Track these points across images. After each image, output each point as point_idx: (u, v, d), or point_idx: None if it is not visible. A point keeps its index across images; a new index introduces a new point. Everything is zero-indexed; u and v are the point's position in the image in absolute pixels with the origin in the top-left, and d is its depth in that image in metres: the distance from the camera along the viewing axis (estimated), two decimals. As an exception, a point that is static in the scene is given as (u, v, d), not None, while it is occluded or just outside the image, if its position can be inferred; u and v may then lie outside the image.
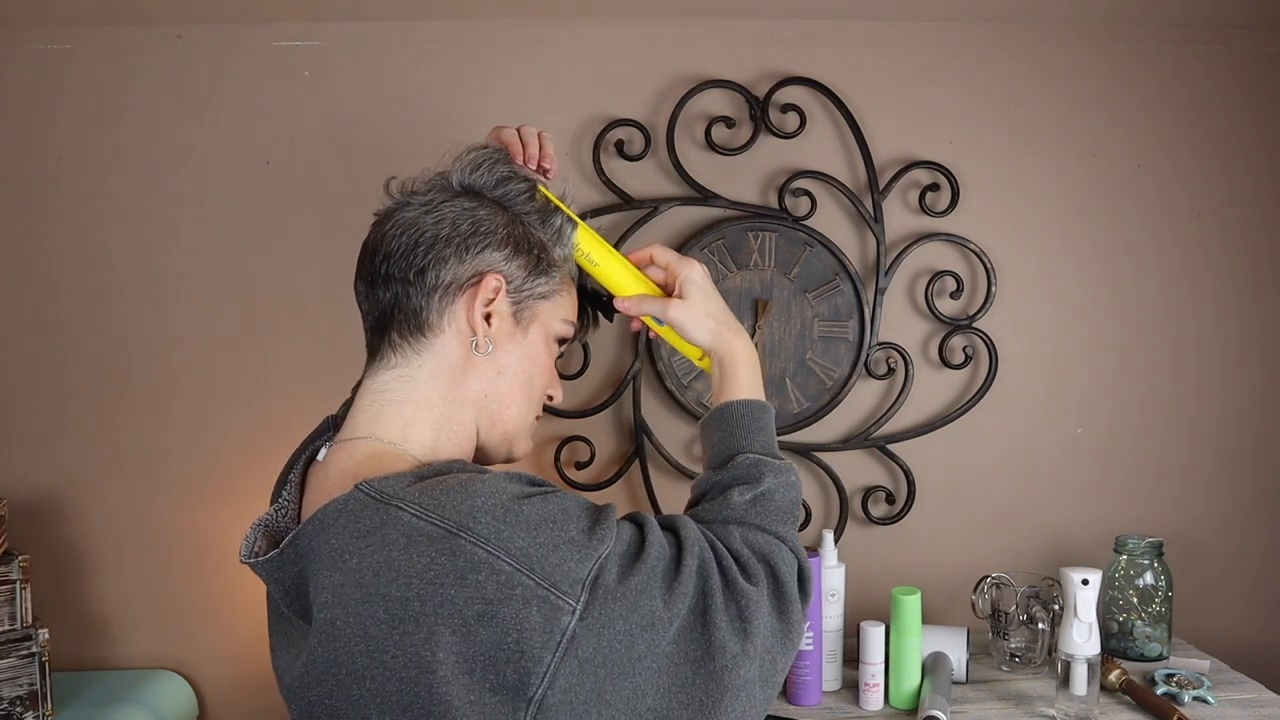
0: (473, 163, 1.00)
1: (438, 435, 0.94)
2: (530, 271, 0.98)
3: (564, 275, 1.03)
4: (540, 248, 1.00)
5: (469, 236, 0.95)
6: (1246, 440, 1.90)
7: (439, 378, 0.94)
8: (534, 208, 1.01)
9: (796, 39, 1.80)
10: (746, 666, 0.84)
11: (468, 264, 0.94)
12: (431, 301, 0.94)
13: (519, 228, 0.99)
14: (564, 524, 0.80)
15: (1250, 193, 1.88)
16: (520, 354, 0.98)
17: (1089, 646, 1.41)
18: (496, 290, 0.95)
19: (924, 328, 1.85)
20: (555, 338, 1.02)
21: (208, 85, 1.77)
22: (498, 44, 1.78)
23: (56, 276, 1.78)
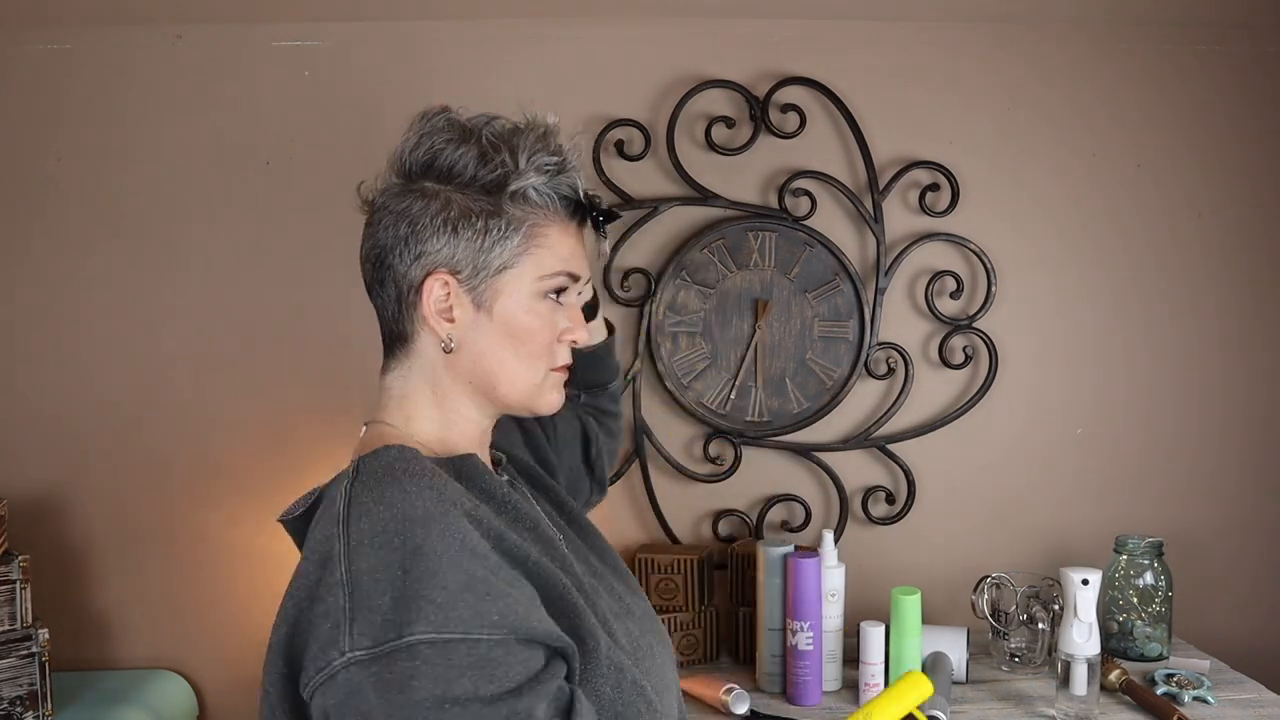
0: (403, 146, 0.95)
1: (442, 426, 0.96)
2: (481, 249, 0.91)
3: (529, 221, 0.92)
4: (486, 213, 0.91)
5: (409, 239, 0.91)
6: (1246, 440, 1.90)
7: (426, 376, 0.95)
8: (470, 158, 0.92)
9: (796, 39, 1.80)
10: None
11: (413, 267, 0.92)
12: (400, 311, 0.94)
13: (455, 205, 0.91)
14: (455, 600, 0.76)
15: (1250, 193, 1.88)
16: (493, 336, 0.93)
17: (1089, 646, 1.41)
18: (446, 291, 0.92)
19: (924, 328, 1.85)
20: (540, 295, 0.94)
21: (208, 85, 1.77)
22: (498, 44, 1.78)
23: (56, 276, 1.78)
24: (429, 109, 0.95)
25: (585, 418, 1.31)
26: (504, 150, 0.92)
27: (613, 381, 1.33)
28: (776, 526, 1.86)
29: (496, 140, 0.92)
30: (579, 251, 0.96)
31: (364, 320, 1.79)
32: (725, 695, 1.48)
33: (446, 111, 0.95)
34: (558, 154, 0.94)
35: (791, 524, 1.86)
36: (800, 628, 1.51)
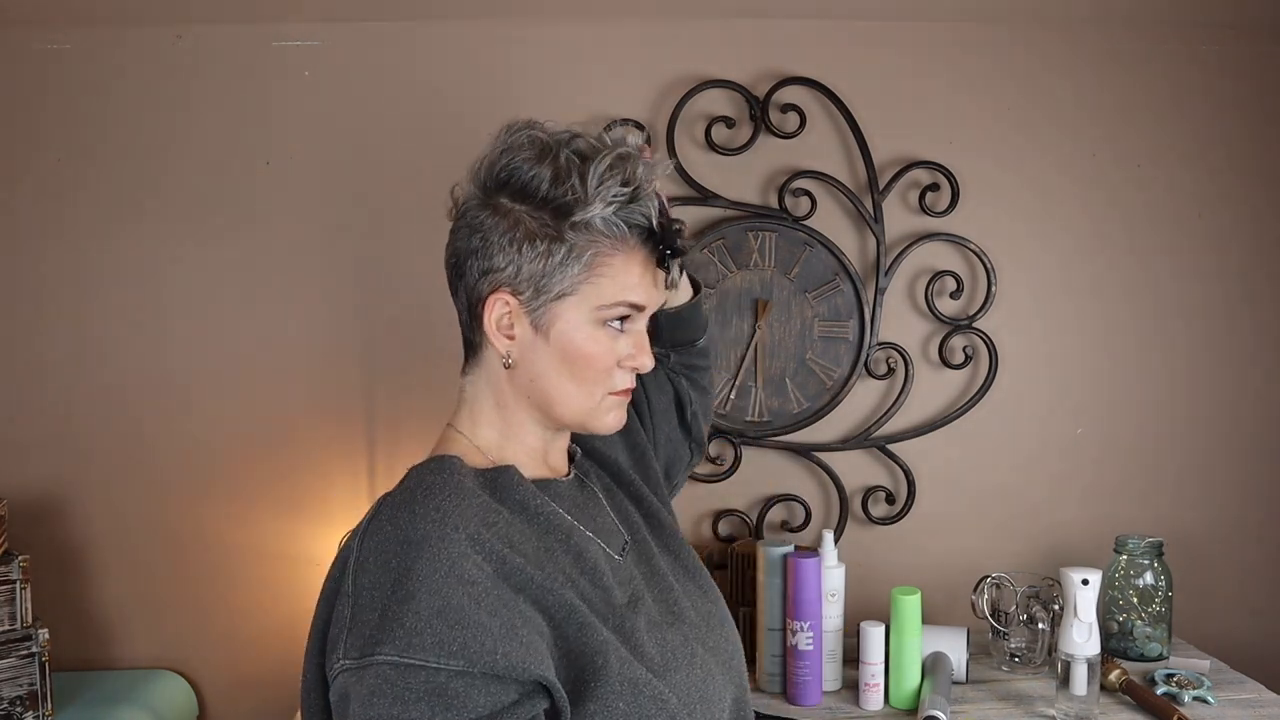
0: (485, 158, 0.95)
1: (501, 435, 0.98)
2: (543, 273, 0.91)
3: (592, 250, 0.91)
4: (550, 237, 0.90)
5: (479, 253, 0.92)
6: (1246, 440, 1.90)
7: (491, 386, 0.98)
8: (544, 179, 0.91)
9: (796, 39, 1.80)
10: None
11: (481, 281, 0.93)
12: (469, 320, 0.97)
13: (523, 226, 0.91)
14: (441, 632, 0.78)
15: (1250, 193, 1.88)
16: (549, 358, 0.94)
17: (1089, 646, 1.41)
18: (507, 310, 0.93)
19: (924, 328, 1.85)
20: (599, 323, 0.93)
21: (208, 85, 1.77)
22: (498, 44, 1.78)
23: (56, 276, 1.78)
24: (514, 121, 0.95)
25: (676, 379, 1.26)
26: (575, 175, 0.90)
27: (700, 338, 1.27)
28: (776, 526, 1.86)
29: (570, 163, 0.91)
30: (645, 280, 0.94)
31: (364, 320, 1.79)
32: (725, 695, 1.48)
33: (530, 127, 0.94)
34: (630, 183, 0.91)
35: (791, 524, 1.86)
36: (800, 628, 1.51)
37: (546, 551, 0.89)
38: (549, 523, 0.92)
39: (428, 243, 1.76)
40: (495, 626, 0.79)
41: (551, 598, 0.84)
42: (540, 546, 0.89)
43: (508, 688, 0.79)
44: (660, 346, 1.22)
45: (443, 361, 1.77)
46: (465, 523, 0.84)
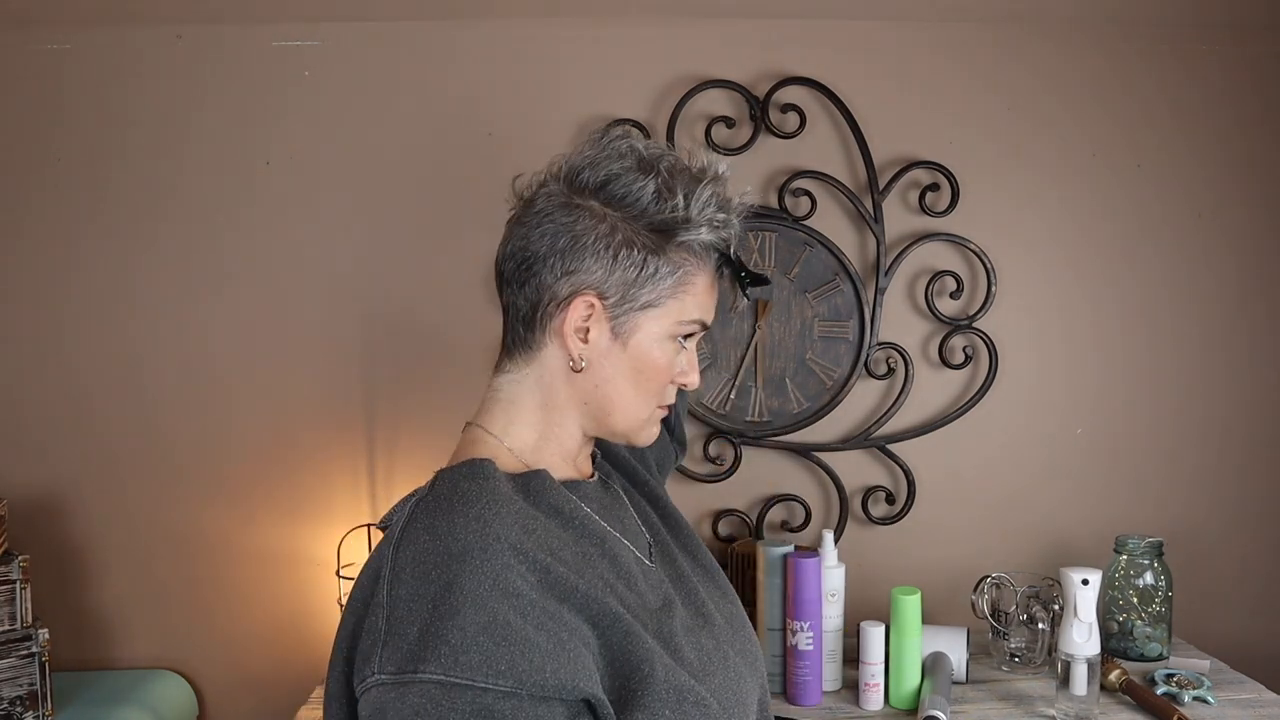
0: (579, 160, 0.96)
1: (540, 437, 0.97)
2: (633, 282, 0.92)
3: (684, 268, 0.94)
4: (648, 249, 0.92)
5: (566, 253, 0.92)
6: (1247, 440, 1.90)
7: (542, 387, 0.96)
8: (648, 192, 0.93)
9: (796, 39, 1.80)
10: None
11: (564, 282, 0.92)
12: (535, 316, 0.95)
13: (620, 233, 0.92)
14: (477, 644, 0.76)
15: (1250, 193, 1.88)
16: (621, 366, 0.94)
17: (1089, 646, 1.41)
18: (589, 313, 0.93)
19: (924, 328, 1.85)
20: (672, 337, 0.95)
21: (208, 85, 1.77)
22: (497, 44, 1.78)
23: (56, 276, 1.78)
24: (613, 127, 0.99)
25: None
26: (679, 194, 0.94)
27: None
28: (776, 526, 1.86)
29: (674, 180, 0.94)
30: (713, 301, 0.98)
31: (364, 320, 1.79)
32: (725, 695, 1.48)
33: (628, 136, 0.97)
34: (726, 210, 0.96)
35: (791, 524, 1.86)
36: (800, 628, 1.51)
37: (584, 557, 0.87)
38: (584, 527, 0.91)
39: (428, 243, 1.77)
40: (543, 642, 0.77)
41: (596, 606, 0.82)
42: (578, 552, 0.87)
43: (554, 708, 0.76)
44: None
45: (443, 362, 1.77)
46: (507, 532, 0.81)
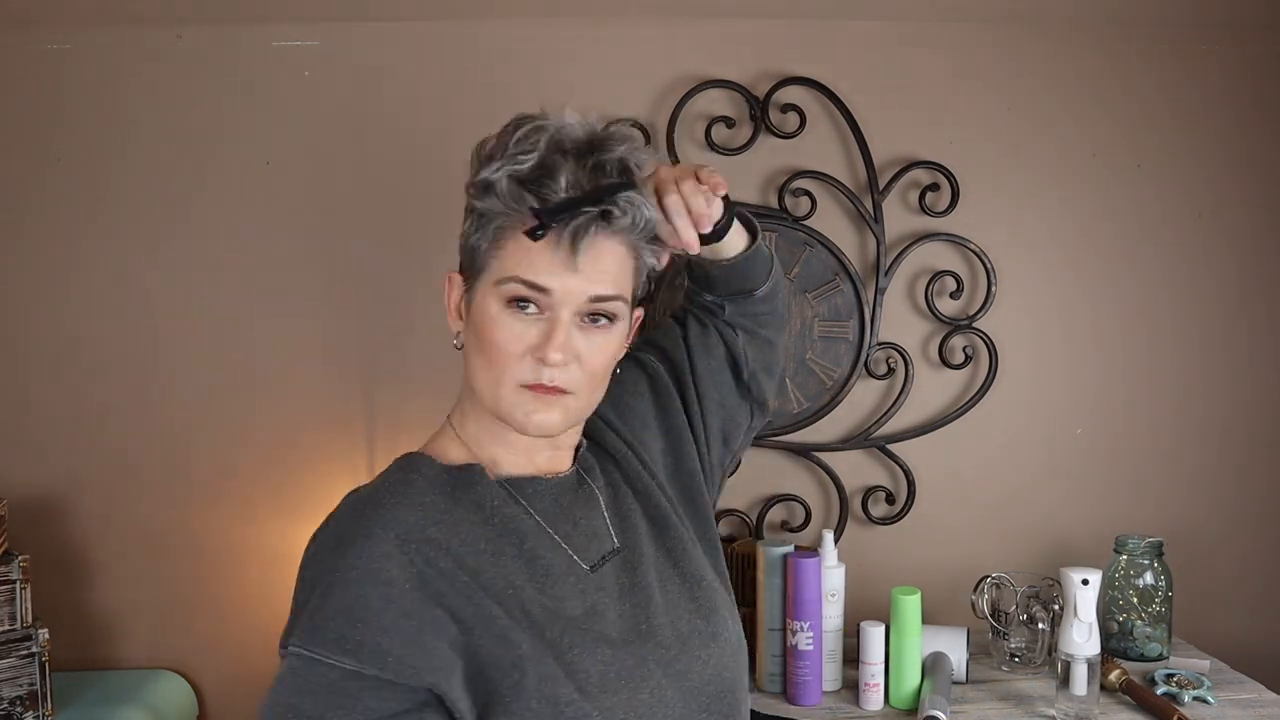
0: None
1: (477, 426, 0.97)
2: (468, 248, 0.92)
3: (495, 222, 0.89)
4: (471, 207, 0.91)
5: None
6: (1247, 440, 1.90)
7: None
8: (485, 150, 0.91)
9: (796, 39, 1.80)
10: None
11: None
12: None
13: (466, 201, 0.92)
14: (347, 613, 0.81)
15: (1250, 193, 1.88)
16: (471, 340, 0.92)
17: (1089, 646, 1.41)
18: (452, 290, 0.95)
19: (924, 328, 1.85)
20: (504, 303, 0.88)
21: (208, 85, 1.77)
22: (497, 44, 1.78)
23: (55, 276, 1.78)
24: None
25: (731, 335, 1.12)
26: (494, 141, 0.91)
27: (760, 287, 1.10)
28: (776, 526, 1.86)
29: (502, 132, 0.91)
30: (554, 262, 0.86)
31: (364, 320, 1.79)
32: (725, 695, 1.48)
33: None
34: (532, 151, 0.87)
35: (791, 524, 1.86)
36: (800, 628, 1.51)
37: (495, 555, 0.88)
38: (505, 525, 0.91)
39: (428, 243, 1.77)
40: (399, 630, 0.80)
41: (471, 608, 0.84)
42: (490, 550, 0.88)
43: (400, 694, 0.79)
44: (715, 295, 1.10)
45: (444, 362, 1.77)
46: (398, 523, 0.85)
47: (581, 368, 0.89)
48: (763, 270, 1.09)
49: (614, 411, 1.06)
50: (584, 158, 0.88)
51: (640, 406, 1.09)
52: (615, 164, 0.89)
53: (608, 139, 0.90)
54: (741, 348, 1.12)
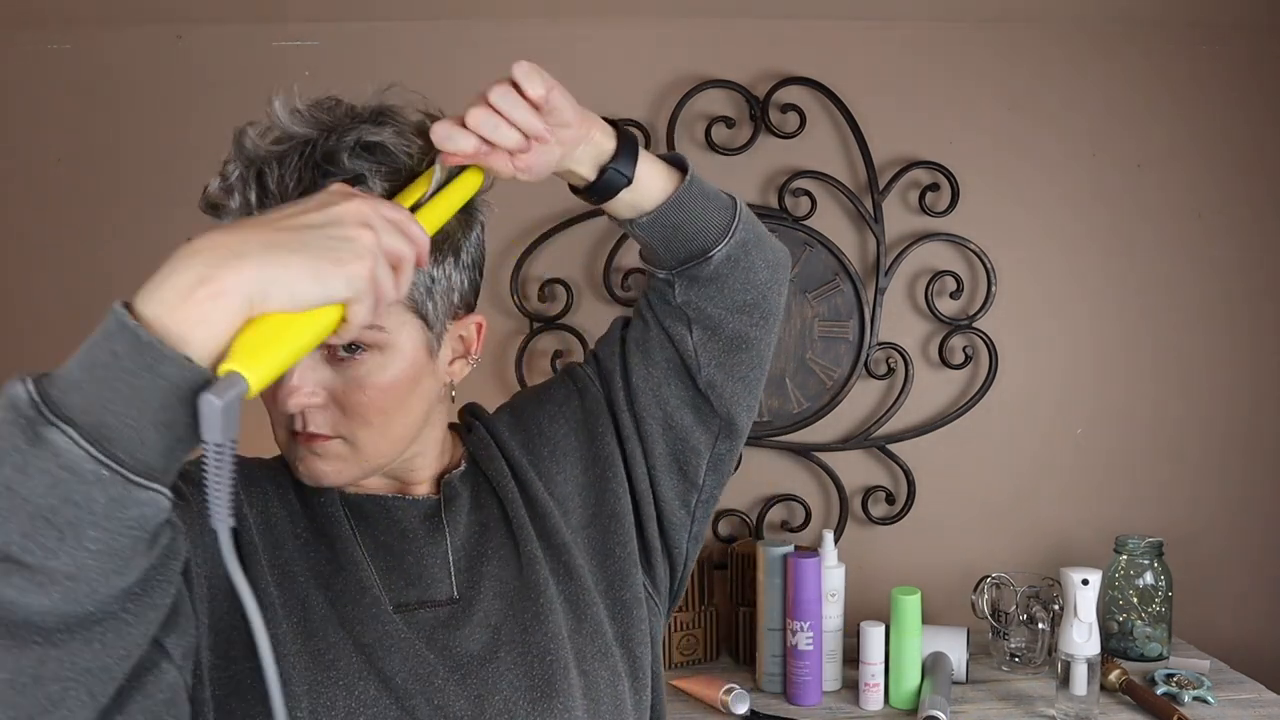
0: None
1: None
2: None
3: None
4: None
5: None
6: (1246, 440, 1.90)
7: None
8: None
9: (796, 39, 1.80)
10: None
11: None
12: None
13: None
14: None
15: (1250, 193, 1.88)
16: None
17: (1089, 646, 1.41)
18: None
19: (924, 328, 1.85)
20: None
21: (208, 85, 1.77)
22: (498, 44, 1.78)
23: (56, 276, 1.77)
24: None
25: (680, 331, 0.90)
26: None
27: (712, 247, 0.86)
28: (776, 526, 1.86)
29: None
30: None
31: (364, 320, 1.79)
32: (725, 695, 1.48)
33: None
34: (226, 164, 0.80)
35: (791, 524, 1.86)
36: (800, 628, 1.51)
37: (303, 545, 0.82)
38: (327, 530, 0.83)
39: (428, 243, 1.77)
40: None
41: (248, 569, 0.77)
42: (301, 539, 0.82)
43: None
44: (662, 270, 0.90)
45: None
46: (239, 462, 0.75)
47: (343, 409, 0.77)
48: (714, 222, 0.86)
49: (518, 438, 0.93)
50: (274, 166, 0.79)
51: (558, 432, 0.93)
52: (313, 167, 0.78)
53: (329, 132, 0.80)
54: (693, 347, 0.90)
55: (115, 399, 0.57)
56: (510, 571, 0.85)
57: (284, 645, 0.75)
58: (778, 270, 0.92)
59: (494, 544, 0.87)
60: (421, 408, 0.82)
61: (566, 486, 0.91)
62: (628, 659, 0.87)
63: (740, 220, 0.87)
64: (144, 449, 0.57)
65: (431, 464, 0.88)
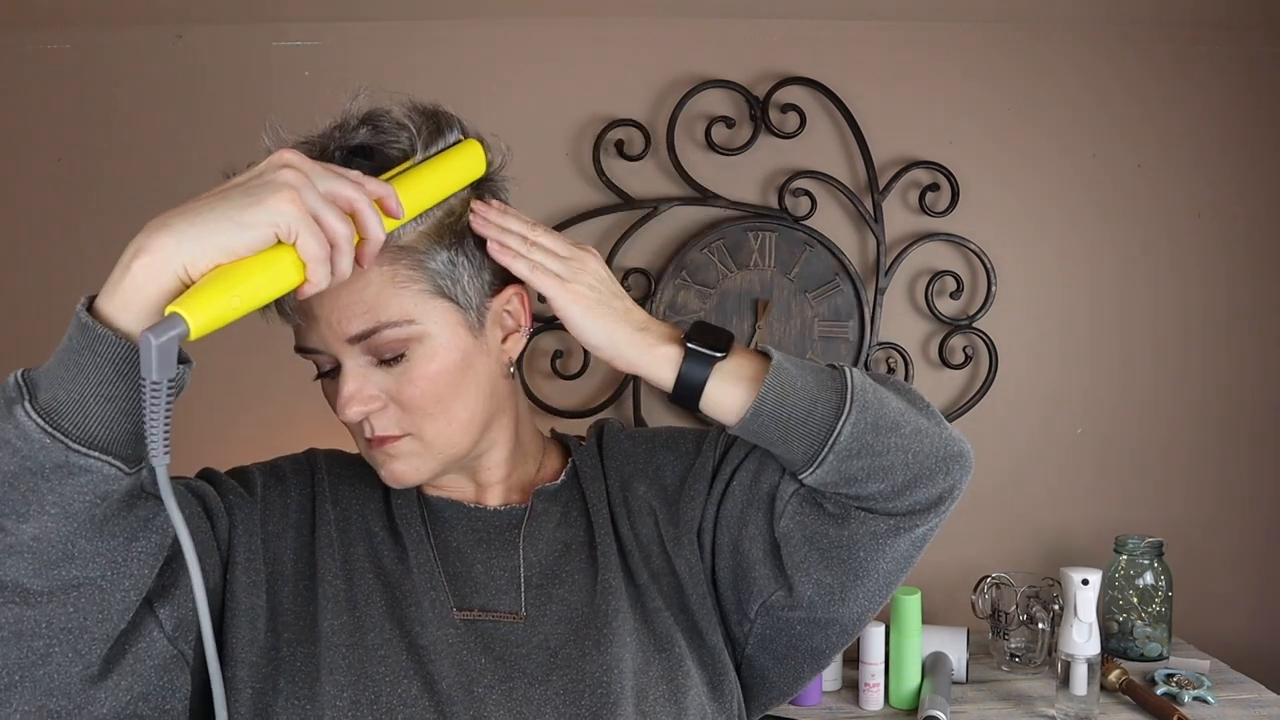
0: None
1: None
2: None
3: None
4: None
5: None
6: (1246, 440, 1.90)
7: None
8: None
9: (796, 39, 1.80)
10: None
11: None
12: None
13: None
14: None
15: (1249, 193, 1.88)
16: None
17: (1089, 646, 1.41)
18: None
19: (924, 328, 1.85)
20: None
21: (208, 85, 1.77)
22: (498, 44, 1.78)
23: (56, 276, 1.77)
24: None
25: (788, 516, 0.81)
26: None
27: (804, 468, 0.78)
28: (776, 526, 1.86)
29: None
30: (301, 321, 0.83)
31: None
32: (725, 695, 1.48)
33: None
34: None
35: (791, 524, 1.86)
36: (800, 628, 1.51)
37: (372, 541, 0.85)
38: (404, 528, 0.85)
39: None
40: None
41: (314, 557, 0.83)
42: (372, 536, 0.85)
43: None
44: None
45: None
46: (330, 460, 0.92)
47: (402, 406, 0.79)
48: (802, 437, 0.76)
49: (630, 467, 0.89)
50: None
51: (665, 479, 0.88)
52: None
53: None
54: (789, 494, 0.81)
55: (66, 376, 0.62)
56: (582, 597, 0.83)
57: (339, 636, 0.78)
58: (923, 464, 0.78)
59: (571, 566, 0.85)
60: (481, 390, 0.82)
61: (646, 531, 0.87)
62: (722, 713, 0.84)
63: (847, 418, 0.75)
64: (87, 420, 0.62)
65: (506, 460, 0.88)
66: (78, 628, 0.66)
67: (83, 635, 0.67)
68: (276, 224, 0.65)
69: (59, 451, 0.61)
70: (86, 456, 0.62)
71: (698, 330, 0.79)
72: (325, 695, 0.75)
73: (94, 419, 0.62)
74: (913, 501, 0.78)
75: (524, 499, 0.88)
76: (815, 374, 0.78)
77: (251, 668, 0.77)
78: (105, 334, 0.62)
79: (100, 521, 0.65)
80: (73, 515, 0.63)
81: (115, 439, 0.63)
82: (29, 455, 0.61)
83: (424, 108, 0.87)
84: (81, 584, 0.65)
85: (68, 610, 0.66)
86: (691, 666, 0.82)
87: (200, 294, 0.63)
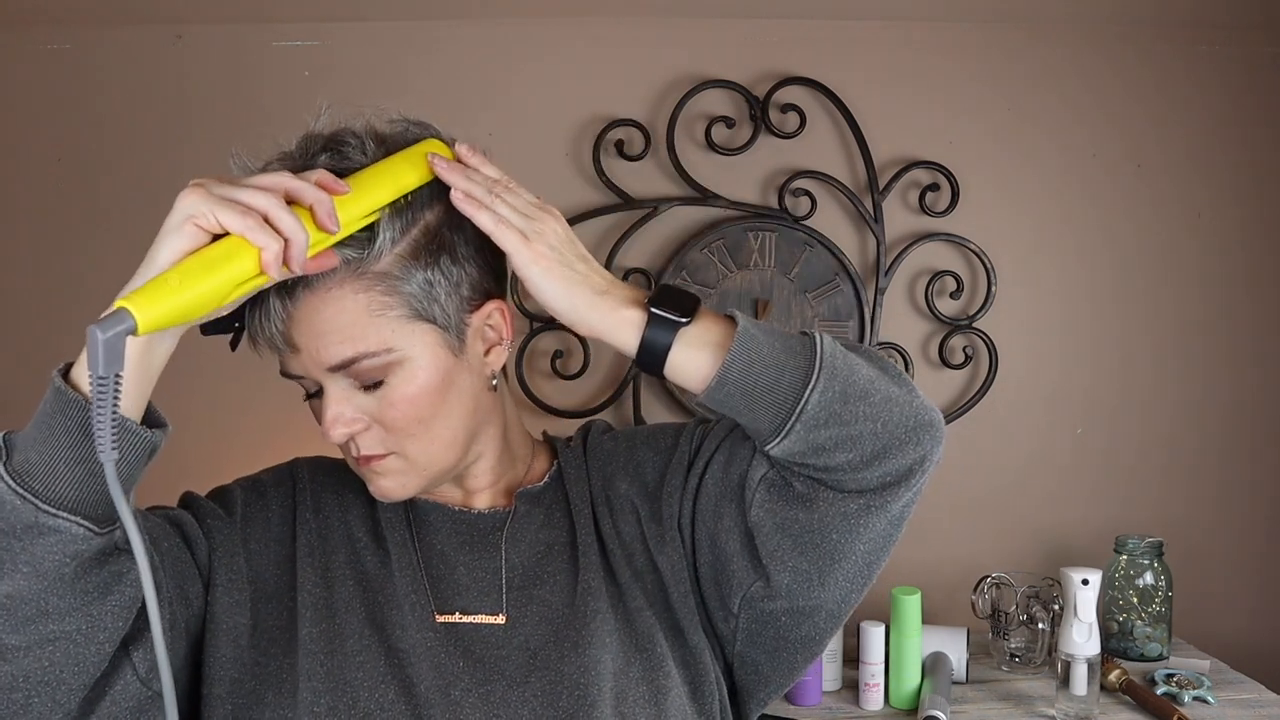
0: None
1: None
2: None
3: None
4: None
5: None
6: (1246, 441, 1.90)
7: None
8: None
9: (796, 39, 1.80)
10: None
11: None
12: None
13: None
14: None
15: (1250, 193, 1.88)
16: None
17: (1089, 646, 1.41)
18: None
19: (924, 328, 1.85)
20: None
21: (208, 85, 1.77)
22: (498, 44, 1.78)
23: (55, 277, 1.77)
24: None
25: (757, 461, 0.81)
26: None
27: (771, 439, 0.76)
28: (776, 526, 1.86)
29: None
30: (293, 358, 0.80)
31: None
32: (725, 695, 1.48)
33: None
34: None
35: (791, 524, 1.86)
36: (800, 628, 1.51)
37: (353, 547, 0.85)
38: (384, 529, 0.86)
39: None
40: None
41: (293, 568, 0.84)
42: (352, 541, 0.86)
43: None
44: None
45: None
46: (312, 468, 0.92)
47: (385, 427, 0.79)
48: (769, 406, 0.75)
49: (611, 467, 0.89)
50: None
51: (645, 475, 0.88)
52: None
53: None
54: (757, 480, 0.80)
55: (39, 438, 0.66)
56: (563, 598, 0.83)
57: (317, 643, 0.79)
58: (892, 434, 0.80)
59: (553, 568, 0.85)
60: (464, 406, 0.82)
61: (629, 529, 0.86)
62: (702, 714, 0.83)
63: (816, 385, 0.76)
64: (57, 482, 0.64)
65: (494, 468, 0.88)
66: (54, 680, 0.68)
67: (60, 686, 0.69)
68: (189, 213, 0.69)
69: (29, 512, 0.63)
70: (56, 517, 0.64)
71: (663, 294, 0.77)
72: (303, 702, 0.76)
73: (63, 480, 0.64)
74: (882, 473, 0.79)
75: (510, 502, 0.88)
76: (784, 340, 0.78)
77: (232, 684, 0.78)
78: (76, 398, 0.65)
79: (71, 579, 0.66)
80: (44, 574, 0.65)
81: (85, 500, 0.65)
82: (2, 515, 0.64)
83: (381, 134, 0.84)
84: (57, 638, 0.67)
85: (44, 664, 0.68)
86: (673, 667, 0.82)
87: (146, 288, 0.65)
